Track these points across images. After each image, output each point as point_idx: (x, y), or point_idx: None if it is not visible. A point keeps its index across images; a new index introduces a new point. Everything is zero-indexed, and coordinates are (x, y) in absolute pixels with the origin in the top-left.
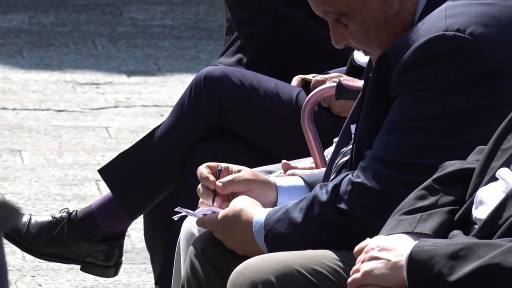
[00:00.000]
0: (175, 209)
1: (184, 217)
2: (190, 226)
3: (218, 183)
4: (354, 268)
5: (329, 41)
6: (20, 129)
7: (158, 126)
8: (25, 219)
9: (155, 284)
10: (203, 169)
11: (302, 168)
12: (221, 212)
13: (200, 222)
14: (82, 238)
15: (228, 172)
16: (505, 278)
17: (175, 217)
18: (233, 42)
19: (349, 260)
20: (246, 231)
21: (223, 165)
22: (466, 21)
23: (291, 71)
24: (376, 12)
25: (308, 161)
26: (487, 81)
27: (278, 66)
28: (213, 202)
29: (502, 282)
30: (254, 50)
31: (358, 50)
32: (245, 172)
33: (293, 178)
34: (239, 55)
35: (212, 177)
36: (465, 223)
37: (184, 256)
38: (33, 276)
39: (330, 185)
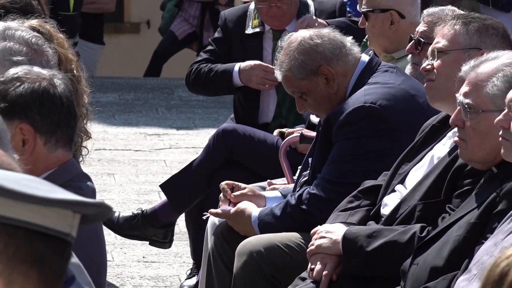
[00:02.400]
0: (203, 213)
1: (208, 217)
2: (213, 219)
3: (232, 195)
4: (310, 243)
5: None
6: (113, 161)
7: (195, 159)
8: (116, 214)
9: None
10: (224, 185)
11: (279, 184)
12: (233, 209)
13: (216, 214)
14: (149, 225)
15: (239, 188)
16: (400, 248)
17: (204, 217)
18: None
19: (307, 239)
20: (248, 221)
21: (236, 183)
22: (377, 97)
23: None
24: (323, 92)
25: (283, 180)
26: (388, 133)
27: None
28: (229, 205)
29: (398, 251)
30: None
31: (313, 114)
32: (248, 189)
33: (275, 191)
34: None
35: (229, 191)
36: (377, 217)
37: (210, 236)
38: (121, 248)
39: (296, 194)
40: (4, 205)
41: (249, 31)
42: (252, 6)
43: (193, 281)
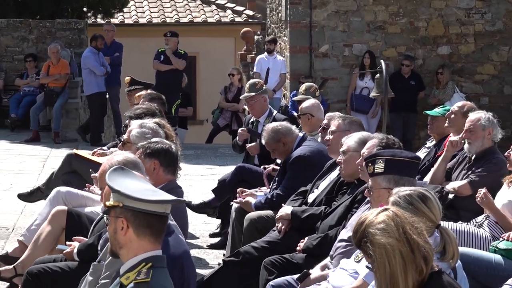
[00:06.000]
0: (231, 202)
1: (232, 204)
2: (235, 205)
3: (243, 194)
4: (277, 214)
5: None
6: (191, 180)
7: (226, 179)
8: (192, 202)
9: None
10: (239, 190)
11: (263, 189)
12: (243, 200)
13: (236, 203)
14: (206, 207)
15: (245, 191)
16: (315, 217)
17: (231, 204)
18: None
19: (275, 213)
20: (249, 205)
21: (244, 189)
22: (306, 152)
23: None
24: (282, 149)
25: (265, 188)
26: (311, 167)
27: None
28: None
29: (315, 218)
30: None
31: (278, 158)
32: (249, 192)
33: (261, 192)
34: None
35: (241, 192)
36: (306, 204)
37: (233, 212)
38: (194, 216)
39: (270, 194)
40: (135, 203)
41: (251, 121)
42: None
43: (217, 230)
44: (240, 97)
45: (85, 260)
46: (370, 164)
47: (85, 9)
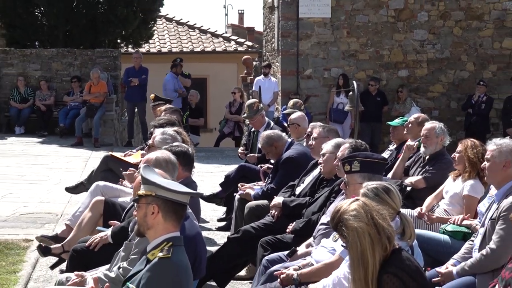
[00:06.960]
0: (234, 193)
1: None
2: (238, 196)
3: (243, 188)
4: (271, 203)
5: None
6: (203, 176)
7: (230, 175)
8: (204, 194)
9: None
10: (239, 185)
11: (260, 183)
12: (244, 192)
13: (239, 194)
14: (215, 197)
15: (244, 185)
16: (301, 206)
17: (234, 195)
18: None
19: (269, 203)
20: (249, 196)
21: (244, 184)
22: (293, 153)
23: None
24: (275, 152)
25: (261, 182)
26: (298, 167)
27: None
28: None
29: (301, 207)
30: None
31: (271, 159)
32: (249, 185)
33: (258, 186)
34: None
35: (241, 187)
36: (294, 195)
37: (236, 201)
38: (205, 204)
39: (265, 187)
40: (167, 193)
41: (252, 130)
42: None
43: (223, 216)
44: (242, 116)
45: (118, 243)
46: (346, 164)
47: (119, 40)
